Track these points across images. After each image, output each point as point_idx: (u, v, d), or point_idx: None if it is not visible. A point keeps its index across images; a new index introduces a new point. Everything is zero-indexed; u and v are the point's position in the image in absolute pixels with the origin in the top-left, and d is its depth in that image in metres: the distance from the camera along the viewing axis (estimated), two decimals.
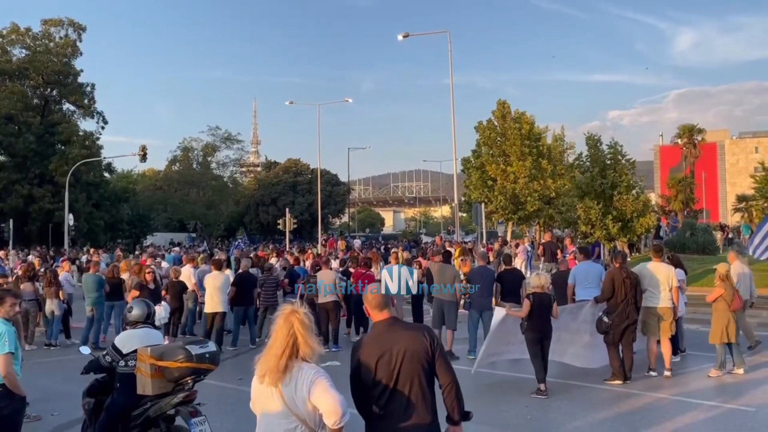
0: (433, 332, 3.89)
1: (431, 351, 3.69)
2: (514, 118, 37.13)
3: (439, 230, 77.98)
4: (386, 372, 3.63)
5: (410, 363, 3.63)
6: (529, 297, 8.86)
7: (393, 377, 3.62)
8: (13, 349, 5.33)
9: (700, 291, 14.91)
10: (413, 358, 3.64)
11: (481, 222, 26.01)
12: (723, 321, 9.52)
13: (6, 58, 49.66)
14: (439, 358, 3.72)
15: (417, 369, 3.65)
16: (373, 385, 3.65)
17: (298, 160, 73.95)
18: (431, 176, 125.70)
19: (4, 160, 47.64)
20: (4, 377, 5.23)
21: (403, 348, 3.65)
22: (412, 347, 3.66)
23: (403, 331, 3.77)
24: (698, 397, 8.60)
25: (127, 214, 55.97)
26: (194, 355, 5.53)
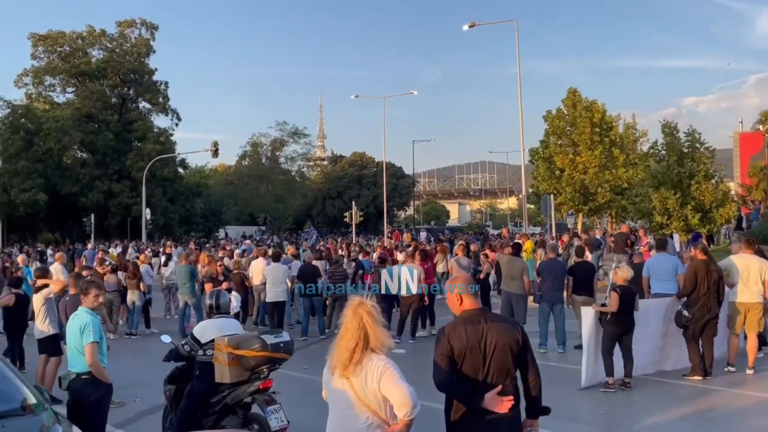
0: (521, 325, 3.84)
1: (521, 343, 3.65)
2: (585, 106, 36.21)
3: (505, 222, 77.04)
4: (476, 363, 3.59)
5: (501, 355, 3.59)
6: (616, 290, 8.59)
7: (484, 368, 3.58)
8: (98, 339, 5.57)
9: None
10: (504, 349, 3.60)
11: (550, 214, 25.49)
12: None
13: (86, 59, 51.95)
14: (527, 351, 3.69)
15: (508, 361, 3.61)
16: (461, 375, 3.60)
17: (364, 154, 74.38)
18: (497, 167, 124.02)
19: (85, 157, 49.89)
20: (90, 365, 5.48)
21: (494, 339, 3.60)
22: (504, 338, 3.61)
23: (493, 322, 3.70)
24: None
25: (200, 208, 57.69)
26: (269, 345, 5.66)
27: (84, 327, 5.52)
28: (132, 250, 27.42)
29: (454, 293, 3.81)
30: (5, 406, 4.69)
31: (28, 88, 52.33)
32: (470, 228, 67.68)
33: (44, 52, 51.51)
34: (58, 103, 52.98)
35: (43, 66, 51.60)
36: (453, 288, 3.83)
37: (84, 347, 5.47)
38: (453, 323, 3.76)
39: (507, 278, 11.50)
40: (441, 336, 3.71)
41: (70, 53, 51.80)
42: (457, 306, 3.81)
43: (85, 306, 5.78)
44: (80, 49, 52.17)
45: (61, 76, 52.39)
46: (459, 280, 3.88)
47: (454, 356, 3.60)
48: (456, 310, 3.83)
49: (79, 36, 52.16)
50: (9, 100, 46.74)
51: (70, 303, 8.13)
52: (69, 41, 51.70)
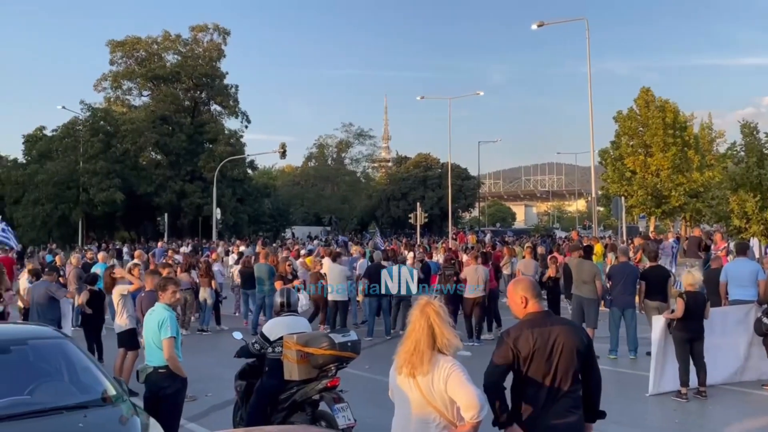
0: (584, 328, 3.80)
1: (586, 346, 3.60)
2: (658, 106, 35.12)
3: (573, 225, 75.41)
4: (543, 365, 3.56)
5: (568, 357, 3.56)
6: (682, 296, 8.32)
7: (551, 371, 3.56)
8: (175, 334, 5.79)
9: None
10: (571, 352, 3.57)
11: (620, 217, 24.81)
12: None
13: (161, 63, 53.88)
14: (591, 354, 3.64)
15: (574, 363, 3.58)
16: (527, 377, 3.59)
17: (428, 155, 74.26)
18: (565, 169, 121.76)
19: (160, 158, 51.74)
20: (168, 359, 5.68)
21: (561, 341, 3.57)
22: (570, 341, 3.58)
23: (559, 324, 3.68)
24: None
25: (268, 208, 58.86)
26: (337, 344, 5.74)
27: (162, 322, 5.74)
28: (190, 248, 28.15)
29: (517, 296, 3.79)
30: (87, 396, 4.92)
31: (106, 92, 54.74)
32: (537, 230, 66.52)
33: (122, 57, 53.68)
34: (135, 106, 55.17)
35: (120, 71, 53.79)
36: (516, 291, 3.81)
37: (162, 342, 5.69)
38: (518, 326, 3.72)
39: (578, 282, 11.24)
40: (505, 338, 3.68)
41: (146, 58, 53.87)
42: (521, 309, 3.78)
43: (162, 302, 6.01)
44: (156, 53, 54.13)
45: (138, 80, 54.51)
46: (522, 283, 3.85)
47: (520, 360, 3.57)
48: (519, 313, 3.80)
49: (155, 41, 54.11)
50: (89, 104, 48.98)
51: (146, 299, 8.46)
52: (145, 46, 53.74)
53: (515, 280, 3.97)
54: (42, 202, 43.82)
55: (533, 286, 3.83)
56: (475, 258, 13.25)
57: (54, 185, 43.92)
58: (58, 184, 44.14)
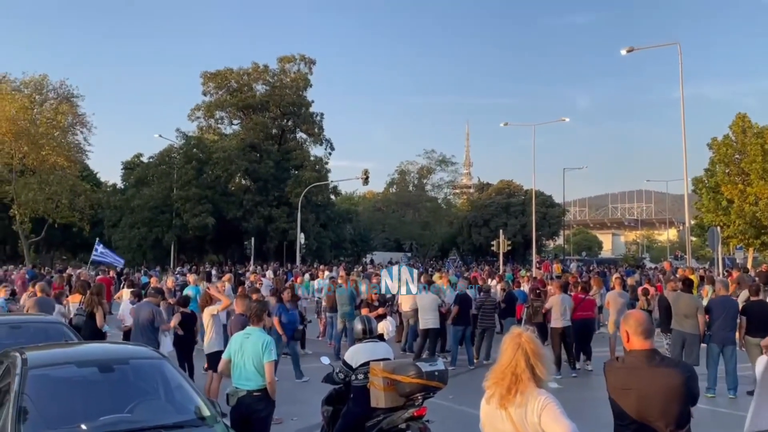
0: (693, 370, 3.62)
1: (686, 392, 3.46)
2: (756, 132, 33.45)
3: (664, 255, 72.37)
4: (634, 408, 3.48)
5: (662, 403, 3.44)
6: None
7: (643, 415, 3.46)
8: (277, 357, 5.91)
9: None
10: (666, 398, 3.44)
11: (717, 248, 23.63)
12: None
13: (251, 93, 56.00)
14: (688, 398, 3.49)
15: (667, 409, 3.44)
16: (620, 416, 3.55)
17: (511, 182, 73.37)
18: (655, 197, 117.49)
19: (248, 184, 53.54)
20: (271, 383, 5.79)
21: (657, 386, 3.46)
22: (668, 386, 3.45)
23: (660, 367, 3.54)
24: None
25: (349, 233, 59.61)
26: (425, 372, 5.71)
27: (266, 345, 5.85)
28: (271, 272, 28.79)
29: (622, 330, 3.72)
30: (183, 416, 5.07)
31: (199, 122, 57.30)
32: (625, 260, 64.22)
33: (214, 88, 56.17)
34: (226, 134, 57.44)
35: (213, 101, 56.23)
36: (622, 324, 3.76)
37: (264, 365, 5.80)
38: (615, 361, 3.73)
39: (679, 316, 10.72)
40: (604, 371, 3.74)
41: (237, 88, 56.13)
42: (626, 343, 3.70)
43: (257, 326, 6.13)
44: (246, 84, 56.32)
45: (229, 110, 56.83)
46: (628, 317, 3.74)
47: (612, 396, 3.57)
48: (626, 347, 3.72)
49: (245, 72, 56.34)
50: (184, 132, 51.39)
51: (236, 322, 8.67)
52: (236, 77, 56.04)
53: (626, 314, 3.88)
54: (138, 226, 46.10)
55: (639, 322, 3.68)
56: (559, 287, 12.96)
57: (149, 210, 46.15)
58: (153, 209, 46.33)
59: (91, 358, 5.74)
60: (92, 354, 6.03)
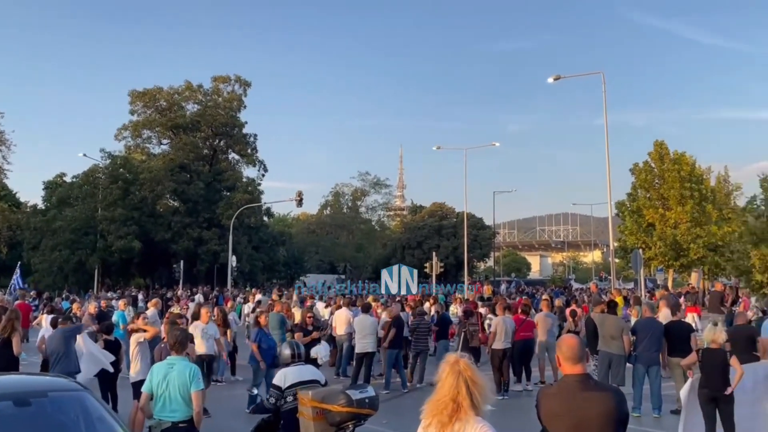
0: (622, 393, 3.66)
1: (619, 416, 3.48)
2: (673, 159, 35.12)
3: (589, 276, 74.69)
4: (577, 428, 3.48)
5: (596, 428, 3.45)
6: (698, 352, 8.14)
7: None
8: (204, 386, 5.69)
9: None
10: (600, 423, 3.45)
11: (639, 269, 24.53)
12: None
13: (181, 113, 54.91)
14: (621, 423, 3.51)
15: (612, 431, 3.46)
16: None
17: (443, 204, 74.49)
18: (580, 220, 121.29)
19: (177, 205, 52.26)
20: (197, 413, 5.56)
21: (591, 411, 3.47)
22: (602, 411, 3.47)
23: (593, 391, 3.56)
24: None
25: (282, 256, 58.94)
26: (355, 400, 5.61)
27: (193, 374, 5.62)
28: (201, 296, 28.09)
29: (556, 356, 3.76)
30: None
31: (126, 141, 55.63)
32: (553, 281, 65.91)
33: (143, 107, 54.78)
34: (154, 154, 56.00)
35: (141, 120, 54.80)
36: (556, 349, 3.77)
37: (192, 394, 5.57)
38: (549, 387, 3.79)
39: (606, 338, 10.96)
40: (537, 399, 3.70)
41: (166, 107, 54.93)
42: (559, 368, 3.73)
43: (180, 355, 5.89)
44: (176, 103, 55.21)
45: (158, 129, 55.47)
46: (560, 343, 3.78)
47: (542, 422, 3.56)
48: (561, 371, 3.75)
49: (176, 91, 55.26)
50: (109, 152, 49.80)
51: (165, 350, 8.32)
52: (166, 96, 54.88)
53: (559, 339, 3.91)
54: (60, 248, 44.16)
55: (570, 347, 3.70)
56: (503, 309, 13.11)
57: (72, 231, 44.34)
58: (76, 231, 44.56)
59: (6, 392, 5.37)
60: (7, 387, 5.64)
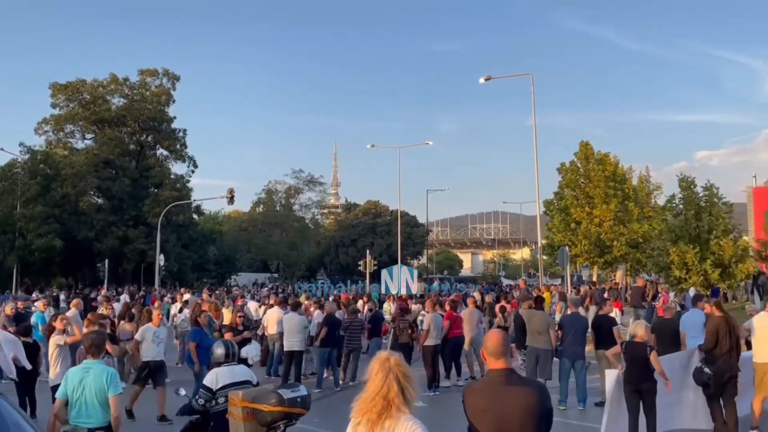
0: (545, 388, 3.71)
1: (542, 410, 3.52)
2: (598, 159, 36.32)
3: (519, 273, 76.49)
4: (493, 429, 3.50)
5: (519, 423, 3.48)
6: (622, 344, 8.46)
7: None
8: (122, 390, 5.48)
9: None
10: (523, 418, 3.49)
11: (566, 266, 25.27)
12: None
13: (106, 106, 52.91)
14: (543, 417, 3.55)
15: (525, 428, 3.49)
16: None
17: (378, 202, 74.84)
18: (510, 218, 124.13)
19: (101, 202, 50.40)
20: (115, 417, 5.34)
21: (514, 406, 3.50)
22: (524, 405, 3.50)
23: (516, 386, 3.59)
24: None
25: (213, 254, 57.82)
26: (286, 399, 5.53)
27: (110, 378, 5.40)
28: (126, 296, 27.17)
29: (481, 351, 3.79)
30: None
31: (48, 135, 53.21)
32: (483, 278, 67.19)
33: (65, 100, 52.51)
34: (77, 149, 53.79)
35: (63, 114, 52.54)
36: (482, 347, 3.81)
37: (110, 399, 5.35)
38: (474, 382, 3.80)
39: (533, 333, 11.23)
40: (464, 395, 3.72)
41: (90, 101, 52.81)
42: (486, 363, 3.76)
43: (96, 358, 5.64)
44: (101, 96, 53.18)
45: (81, 123, 53.27)
46: (486, 338, 3.81)
47: (472, 420, 3.57)
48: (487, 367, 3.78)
49: (100, 84, 53.26)
50: (29, 146, 47.53)
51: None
52: (90, 89, 52.76)
53: (485, 335, 3.93)
54: None
55: (493, 342, 3.72)
56: (433, 306, 13.22)
57: None
58: None
59: None
60: None
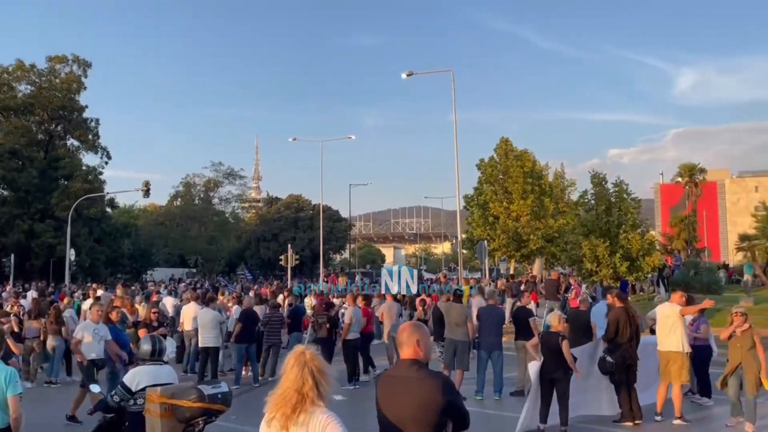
0: (449, 382, 3.74)
1: (443, 402, 3.55)
2: (517, 155, 37.34)
3: (440, 267, 77.78)
4: (394, 418, 3.57)
5: (416, 413, 3.54)
6: (539, 335, 8.81)
7: (400, 425, 3.55)
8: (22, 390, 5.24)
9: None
10: (415, 409, 3.55)
11: (484, 260, 25.90)
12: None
13: (11, 94, 50.02)
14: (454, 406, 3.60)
15: (422, 419, 3.54)
16: (383, 427, 3.62)
17: (300, 196, 74.23)
18: (432, 213, 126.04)
19: (6, 194, 47.69)
20: (17, 419, 5.10)
21: (409, 397, 3.56)
22: (420, 397, 3.55)
23: (419, 378, 3.63)
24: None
25: (128, 249, 55.86)
26: (207, 396, 5.41)
27: (9, 377, 5.15)
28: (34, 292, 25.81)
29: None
30: None
31: None
32: None
33: None
34: None
35: None
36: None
37: (9, 399, 5.10)
38: (384, 371, 3.87)
39: (452, 325, 11.43)
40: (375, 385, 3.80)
41: None
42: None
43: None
44: (6, 83, 50.23)
45: None
46: (398, 330, 3.87)
47: (379, 408, 3.62)
48: None
49: (5, 70, 50.32)
50: None
51: None
52: None
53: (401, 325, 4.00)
54: None
55: (403, 333, 3.77)
56: (353, 300, 13.27)
57: None
58: None
59: None
60: None
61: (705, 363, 10.48)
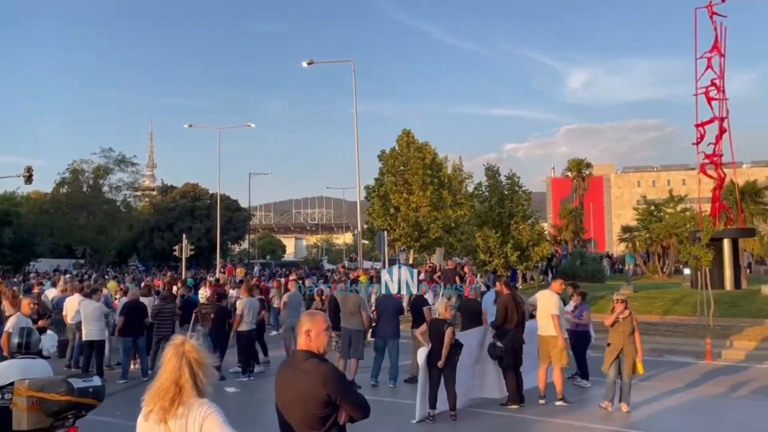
0: (334, 374, 3.65)
1: (324, 394, 3.53)
2: (417, 147, 37.90)
3: (341, 257, 78.00)
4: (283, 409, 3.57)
5: (298, 405, 3.53)
6: (428, 322, 9.00)
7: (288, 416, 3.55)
8: None
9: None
10: (296, 398, 3.54)
11: (384, 250, 26.16)
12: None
13: None
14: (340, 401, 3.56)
15: (306, 411, 3.53)
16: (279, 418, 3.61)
17: (197, 185, 72.16)
18: (334, 203, 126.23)
19: None
20: None
21: (293, 387, 3.56)
22: (302, 387, 3.53)
23: (305, 367, 3.60)
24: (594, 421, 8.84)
25: (9, 238, 52.34)
26: (76, 389, 5.14)
27: None
28: None
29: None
30: None
31: None
32: (306, 262, 67.59)
33: None
34: None
35: None
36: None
37: None
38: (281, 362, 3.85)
39: (347, 314, 11.43)
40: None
41: None
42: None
43: None
44: None
45: None
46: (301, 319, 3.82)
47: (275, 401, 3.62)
48: None
49: None
50: None
51: None
52: None
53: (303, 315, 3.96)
54: None
55: (301, 323, 3.74)
56: (247, 291, 13.04)
57: None
58: None
59: None
60: None
61: (584, 347, 11.10)
